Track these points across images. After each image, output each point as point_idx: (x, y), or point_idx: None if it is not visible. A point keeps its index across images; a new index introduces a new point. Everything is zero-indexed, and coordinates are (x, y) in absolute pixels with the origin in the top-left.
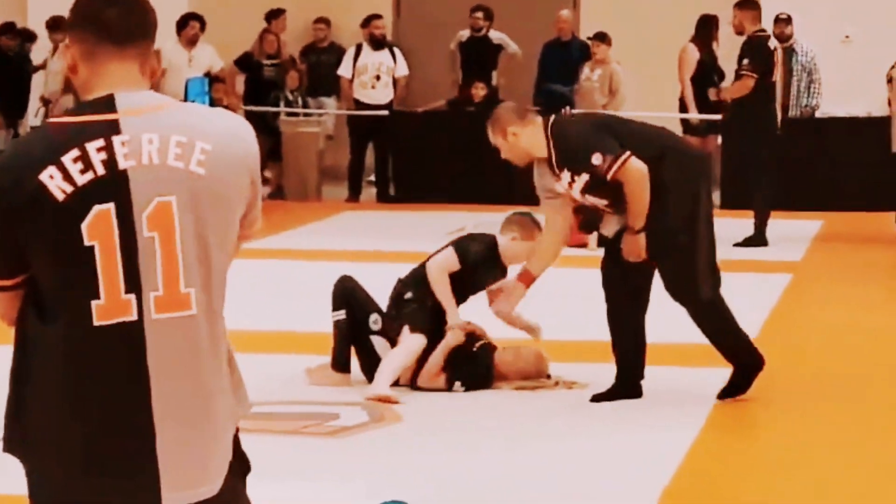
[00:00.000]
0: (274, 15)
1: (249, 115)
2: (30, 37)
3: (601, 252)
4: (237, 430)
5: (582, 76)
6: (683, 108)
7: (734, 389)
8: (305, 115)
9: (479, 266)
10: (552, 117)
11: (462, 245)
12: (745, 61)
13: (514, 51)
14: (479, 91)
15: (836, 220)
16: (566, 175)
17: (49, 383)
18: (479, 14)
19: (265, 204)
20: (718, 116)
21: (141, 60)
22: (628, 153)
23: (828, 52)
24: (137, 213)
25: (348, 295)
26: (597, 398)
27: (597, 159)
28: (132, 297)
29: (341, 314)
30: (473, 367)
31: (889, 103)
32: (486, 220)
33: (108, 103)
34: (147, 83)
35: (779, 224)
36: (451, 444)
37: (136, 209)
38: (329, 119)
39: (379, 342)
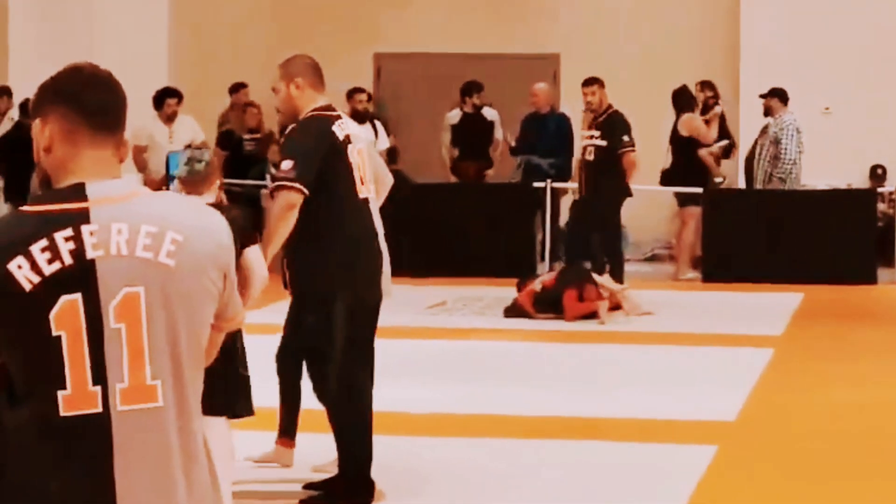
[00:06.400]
0: (236, 88)
1: (230, 190)
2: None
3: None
4: None
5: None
6: (666, 180)
7: (324, 493)
8: None
9: None
10: (326, 114)
11: None
12: (626, 138)
13: (499, 136)
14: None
15: (817, 292)
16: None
17: (17, 472)
18: (480, 93)
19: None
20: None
21: (115, 145)
22: (298, 185)
23: (808, 124)
24: (105, 304)
25: None
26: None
27: (286, 164)
28: (98, 388)
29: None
30: None
31: None
32: (467, 293)
33: (78, 191)
34: (119, 169)
35: (759, 297)
36: None
37: (104, 300)
38: None
39: None
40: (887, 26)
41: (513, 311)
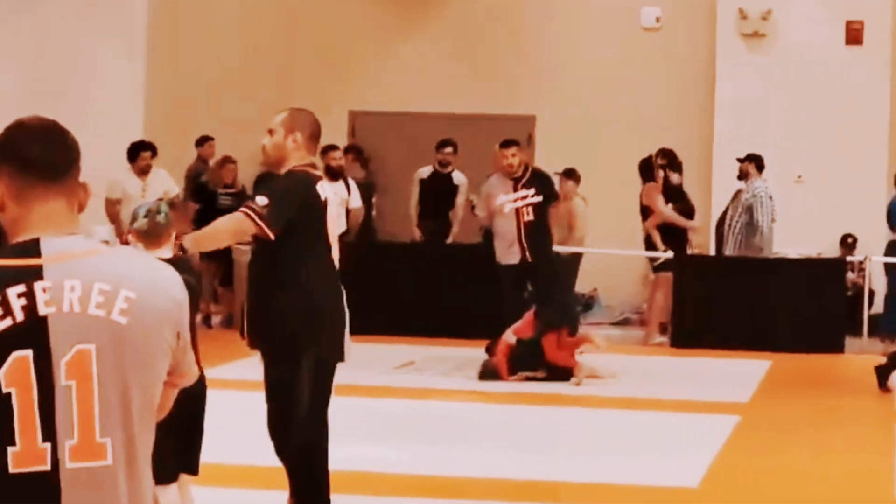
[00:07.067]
0: (201, 141)
1: None
2: None
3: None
4: None
5: None
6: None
7: None
8: None
9: None
10: (312, 172)
11: None
12: (556, 188)
13: (460, 202)
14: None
15: (785, 360)
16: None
17: None
18: (450, 149)
19: (217, 332)
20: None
21: (68, 196)
22: (262, 223)
23: (780, 192)
24: (56, 361)
25: None
26: None
27: (261, 200)
28: (48, 445)
29: None
30: None
31: None
32: (436, 353)
33: (33, 247)
34: (77, 219)
35: (727, 364)
36: None
37: (55, 356)
38: None
39: None
40: (861, 96)
41: (487, 373)
